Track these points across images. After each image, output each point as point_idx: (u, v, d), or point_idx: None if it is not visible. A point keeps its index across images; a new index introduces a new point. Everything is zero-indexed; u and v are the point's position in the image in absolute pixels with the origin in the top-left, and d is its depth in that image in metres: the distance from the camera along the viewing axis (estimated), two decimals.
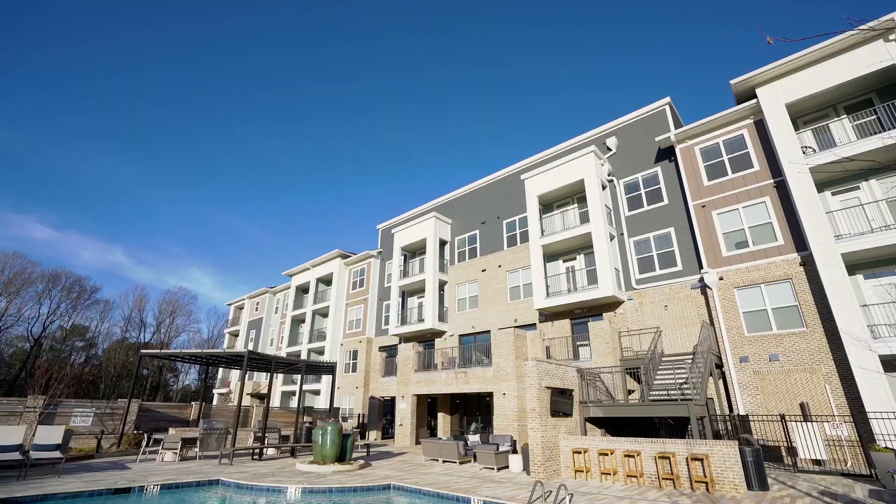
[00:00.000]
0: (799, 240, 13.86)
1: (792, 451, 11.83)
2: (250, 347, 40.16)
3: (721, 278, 15.12)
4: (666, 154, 18.04)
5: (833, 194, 14.10)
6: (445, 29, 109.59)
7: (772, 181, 14.94)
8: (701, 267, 15.73)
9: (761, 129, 15.47)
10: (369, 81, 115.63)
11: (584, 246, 18.99)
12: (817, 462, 11.67)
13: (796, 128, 14.85)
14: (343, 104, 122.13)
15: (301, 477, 11.28)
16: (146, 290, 75.90)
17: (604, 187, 19.07)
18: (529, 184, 20.96)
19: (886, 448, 9.82)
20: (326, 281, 34.31)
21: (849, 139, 13.79)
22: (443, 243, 25.69)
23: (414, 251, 27.28)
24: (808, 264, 13.49)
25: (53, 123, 74.43)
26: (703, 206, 16.21)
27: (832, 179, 14.02)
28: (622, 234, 18.45)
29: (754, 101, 15.40)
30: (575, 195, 20.23)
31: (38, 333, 46.51)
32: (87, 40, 73.63)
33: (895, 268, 12.64)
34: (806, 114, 15.08)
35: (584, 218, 19.10)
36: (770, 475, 10.59)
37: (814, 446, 11.29)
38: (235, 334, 47.16)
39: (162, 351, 37.62)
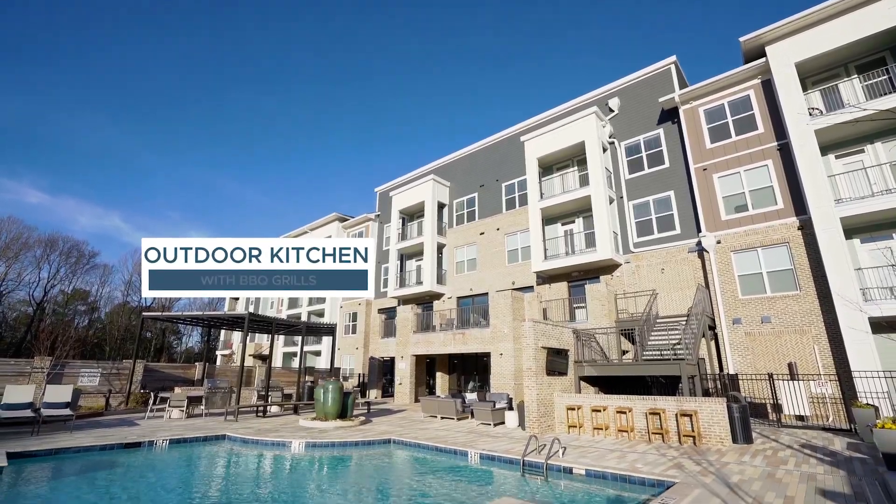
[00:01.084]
0: (799, 204, 13.81)
1: (777, 407, 12.29)
2: (251, 310, 40.70)
3: (719, 242, 15.18)
4: (669, 115, 17.65)
5: (837, 157, 13.93)
6: None
7: (775, 144, 14.71)
8: (699, 230, 15.74)
9: (768, 89, 15.06)
10: (368, 45, 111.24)
11: (583, 209, 18.91)
12: (800, 418, 12.16)
13: (804, 88, 14.46)
14: (341, 67, 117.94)
15: (304, 432, 11.71)
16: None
17: (604, 150, 18.77)
18: (529, 146, 20.60)
19: (868, 404, 10.21)
20: None
21: (858, 100, 13.46)
22: (441, 206, 25.54)
23: (412, 214, 27.16)
24: (807, 228, 13.51)
25: (42, 89, 71.84)
26: (705, 170, 16.03)
27: (837, 142, 13.82)
28: (622, 197, 18.34)
29: (763, 59, 14.92)
30: (575, 157, 19.94)
31: (39, 297, 46.92)
32: (79, 5, 69.92)
33: (893, 231, 12.68)
34: (815, 73, 14.65)
35: (584, 181, 18.91)
36: (755, 430, 11.04)
37: (798, 403, 11.75)
38: (236, 297, 47.61)
39: (164, 314, 38.13)
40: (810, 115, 13.61)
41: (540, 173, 20.26)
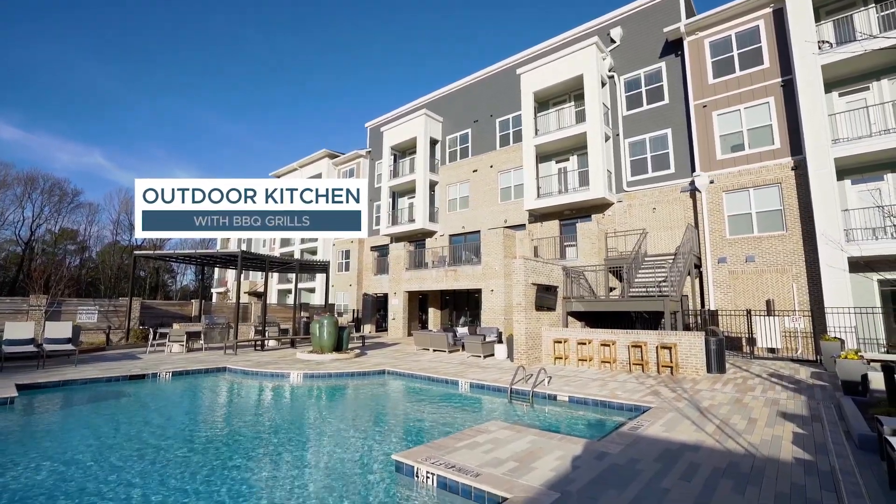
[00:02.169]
0: (796, 143, 13.68)
1: (752, 341, 13.02)
2: (243, 248, 40.75)
3: (712, 182, 15.16)
4: (673, 48, 16.83)
5: (840, 95, 13.61)
6: None
7: (779, 80, 14.26)
8: (693, 170, 15.66)
9: (779, 19, 14.30)
10: None
11: (577, 147, 18.57)
12: (772, 350, 12.94)
13: (817, 18, 13.72)
14: None
15: (302, 364, 12.23)
16: (131, 194, 73.48)
17: (603, 84, 18.07)
18: (525, 79, 19.74)
19: (835, 337, 10.83)
20: None
21: (872, 32, 12.87)
22: (434, 142, 24.90)
23: (404, 150, 26.52)
24: (800, 168, 13.50)
25: (9, 18, 65.52)
26: (705, 107, 15.62)
27: (842, 78, 13.43)
28: (618, 134, 17.96)
29: None
30: (572, 92, 19.22)
31: (26, 237, 46.38)
32: None
33: (884, 173, 12.73)
34: (831, 2, 13.84)
35: (581, 117, 18.39)
36: (729, 361, 11.75)
37: (772, 337, 12.45)
38: (227, 236, 47.47)
39: (156, 252, 38.01)
40: (819, 48, 13.07)
41: (535, 108, 19.61)
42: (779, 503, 3.71)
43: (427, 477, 4.50)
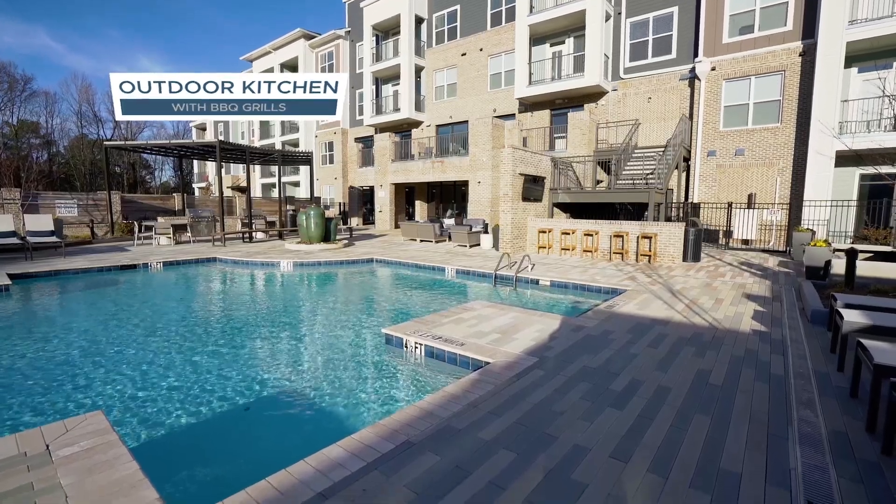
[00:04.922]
0: (808, 26, 12.74)
1: (728, 233, 13.51)
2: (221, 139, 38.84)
3: (713, 69, 14.35)
4: None
5: None
6: None
7: None
8: (696, 55, 14.69)
9: None
10: None
11: (575, 27, 17.04)
12: (746, 242, 13.52)
13: None
14: None
15: (291, 254, 12.45)
16: (90, 81, 66.49)
17: None
18: None
19: (807, 229, 11.28)
20: (291, 67, 31.07)
21: None
22: (419, 21, 22.57)
23: (387, 31, 24.12)
24: (808, 55, 12.77)
25: None
26: None
27: None
28: (619, 13, 16.40)
29: None
30: None
31: None
32: None
33: (895, 60, 12.11)
34: None
35: None
36: (704, 252, 12.31)
37: (748, 229, 12.91)
38: (202, 128, 44.99)
39: (127, 143, 36.01)
40: None
41: None
42: (732, 363, 4.15)
43: (415, 347, 4.87)
